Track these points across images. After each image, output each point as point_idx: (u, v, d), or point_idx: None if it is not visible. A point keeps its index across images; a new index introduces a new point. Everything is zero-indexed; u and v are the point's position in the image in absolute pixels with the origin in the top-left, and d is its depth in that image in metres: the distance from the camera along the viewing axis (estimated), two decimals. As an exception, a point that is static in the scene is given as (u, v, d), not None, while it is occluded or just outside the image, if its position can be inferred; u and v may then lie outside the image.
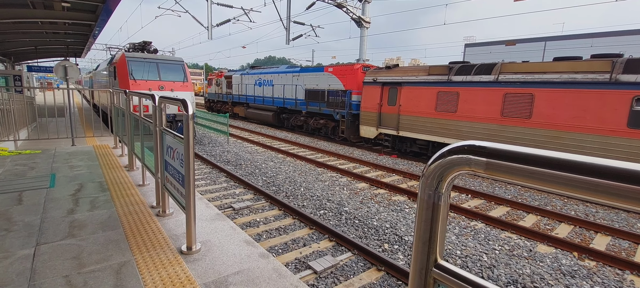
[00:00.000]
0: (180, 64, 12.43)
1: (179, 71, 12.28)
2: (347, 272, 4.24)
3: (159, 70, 11.78)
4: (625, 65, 7.28)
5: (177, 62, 12.42)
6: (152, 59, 11.88)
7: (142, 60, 11.54)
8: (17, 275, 2.37)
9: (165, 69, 11.95)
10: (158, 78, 11.65)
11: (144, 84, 11.11)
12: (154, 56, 12.12)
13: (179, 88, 11.95)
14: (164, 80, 11.72)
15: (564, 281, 4.23)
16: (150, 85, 11.26)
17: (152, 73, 11.60)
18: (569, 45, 29.73)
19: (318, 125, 15.87)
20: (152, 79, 11.49)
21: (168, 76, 11.90)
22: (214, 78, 25.78)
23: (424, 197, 0.77)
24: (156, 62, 11.86)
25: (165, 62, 12.12)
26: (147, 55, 11.97)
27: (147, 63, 11.61)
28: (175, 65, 12.30)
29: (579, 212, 6.87)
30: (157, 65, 11.84)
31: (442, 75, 10.52)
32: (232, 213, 6.01)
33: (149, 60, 11.72)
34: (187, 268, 2.54)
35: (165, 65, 12.03)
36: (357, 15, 17.70)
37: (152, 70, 11.62)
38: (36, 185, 4.36)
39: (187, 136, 2.51)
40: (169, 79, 11.88)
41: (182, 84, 12.11)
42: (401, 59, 78.77)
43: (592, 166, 0.52)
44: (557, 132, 8.10)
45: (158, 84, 11.50)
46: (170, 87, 11.73)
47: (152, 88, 11.17)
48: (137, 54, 11.79)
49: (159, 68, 11.81)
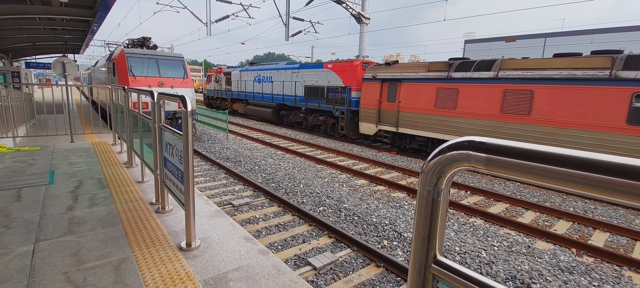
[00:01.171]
0: (180, 60, 12.23)
1: (179, 67, 12.07)
2: (346, 268, 4.25)
3: (158, 67, 11.56)
4: (625, 62, 7.26)
5: (177, 58, 12.21)
6: (152, 55, 11.65)
7: (141, 56, 11.31)
8: (17, 271, 2.37)
9: (165, 65, 11.72)
10: (158, 74, 11.44)
11: (143, 81, 10.88)
12: (154, 52, 11.89)
13: (179, 84, 11.74)
14: (164, 77, 11.51)
15: (563, 277, 4.25)
16: (150, 81, 11.03)
17: (152, 69, 11.38)
18: (569, 42, 29.67)
19: (317, 122, 15.85)
20: (151, 75, 11.26)
21: (168, 72, 11.69)
22: (213, 75, 25.71)
23: (423, 194, 0.76)
24: (156, 58, 11.63)
25: (165, 58, 11.89)
26: (147, 51, 11.72)
27: (147, 59, 11.38)
28: (175, 61, 12.08)
29: (577, 208, 6.89)
30: (157, 61, 11.61)
31: (442, 71, 10.50)
32: (231, 210, 6.02)
33: (148, 56, 11.48)
34: (187, 264, 2.55)
35: (165, 61, 11.80)
36: (356, 11, 17.63)
37: (151, 66, 11.40)
38: (35, 182, 4.36)
39: (186, 133, 2.50)
40: (169, 76, 11.67)
41: (183, 81, 11.92)
42: (401, 55, 78.64)
43: (591, 161, 0.52)
44: (557, 128, 8.10)
45: (158, 80, 11.28)
46: (170, 83, 11.52)
47: (151, 84, 10.94)
48: (136, 49, 11.56)
49: (158, 64, 11.59)
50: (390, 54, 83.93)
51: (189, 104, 2.51)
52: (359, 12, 17.65)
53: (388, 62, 12.88)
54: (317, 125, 16.15)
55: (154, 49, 12.41)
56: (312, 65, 16.60)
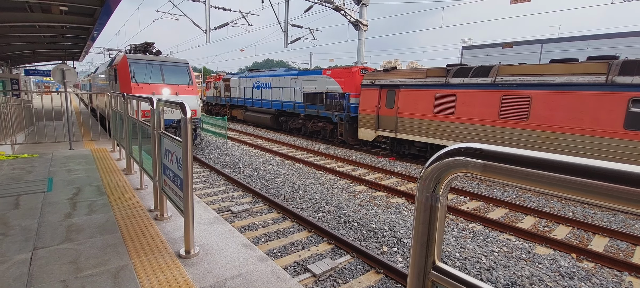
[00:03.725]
0: (185, 66, 11.76)
1: (183, 73, 11.56)
2: (346, 275, 4.23)
3: (162, 73, 11.05)
4: (621, 67, 7.33)
5: (181, 64, 11.70)
6: (155, 60, 11.14)
7: (144, 62, 10.84)
8: (14, 279, 2.35)
9: (169, 72, 11.21)
10: (162, 81, 10.93)
11: (146, 88, 10.39)
12: (157, 58, 11.38)
13: (184, 91, 11.17)
14: (168, 83, 10.99)
15: (563, 283, 4.24)
16: (154, 88, 10.54)
17: (156, 76, 10.90)
18: (566, 48, 29.92)
19: (316, 128, 15.87)
20: (155, 82, 10.76)
21: (172, 79, 11.17)
22: (212, 81, 25.80)
23: (421, 200, 0.77)
24: (159, 64, 11.12)
25: (169, 64, 11.38)
26: (150, 57, 11.25)
27: (150, 65, 10.89)
28: (180, 68, 11.59)
29: (577, 213, 6.89)
30: (161, 67, 11.11)
31: (440, 77, 10.56)
32: (230, 217, 5.99)
33: (151, 62, 10.98)
34: (185, 272, 2.53)
35: (169, 68, 11.30)
36: (354, 18, 17.76)
37: (155, 72, 10.91)
38: (33, 189, 4.34)
39: (185, 139, 2.51)
40: (173, 82, 11.13)
41: (187, 88, 11.36)
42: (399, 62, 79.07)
43: (588, 168, 0.53)
44: (554, 133, 8.14)
45: (162, 87, 10.80)
46: (174, 90, 10.97)
47: (155, 92, 10.47)
48: (139, 55, 11.06)
49: (162, 70, 11.08)
50: (388, 60, 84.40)
51: (188, 111, 2.52)
52: (357, 19, 17.79)
53: (386, 68, 12.96)
54: (316, 131, 16.16)
55: (158, 55, 11.95)
56: (310, 71, 16.68)
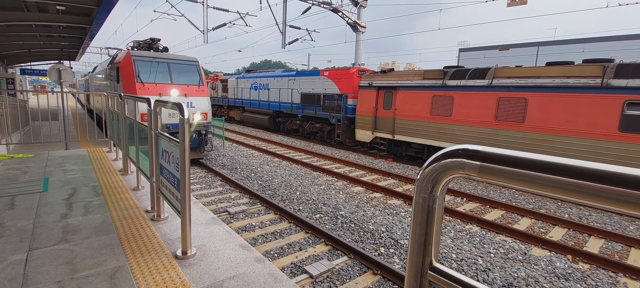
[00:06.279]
0: (195, 65, 10.63)
1: (193, 73, 10.45)
2: (343, 276, 4.23)
3: (170, 72, 9.97)
4: (616, 70, 7.40)
5: (191, 63, 10.58)
6: (162, 58, 10.03)
7: (150, 59, 9.77)
8: (9, 280, 2.33)
9: (177, 71, 10.11)
10: (170, 81, 9.85)
11: (153, 88, 9.37)
12: (165, 55, 10.26)
13: (194, 93, 10.10)
14: (177, 84, 9.93)
15: (559, 284, 4.27)
16: (161, 89, 9.49)
17: (163, 75, 9.82)
18: (562, 50, 30.18)
19: (314, 129, 15.87)
20: (162, 81, 9.69)
21: (181, 79, 10.10)
22: (210, 82, 25.75)
23: (418, 201, 0.78)
24: (167, 62, 10.04)
25: (177, 63, 10.26)
26: (156, 54, 10.14)
27: (157, 63, 9.82)
28: (190, 66, 10.50)
29: (572, 215, 6.94)
30: (168, 65, 10.02)
31: (437, 79, 10.61)
32: (227, 218, 5.98)
33: (158, 60, 9.90)
34: (182, 273, 2.53)
35: (177, 66, 10.19)
36: (352, 20, 17.80)
37: (162, 71, 9.84)
38: (29, 190, 4.31)
39: (182, 140, 2.50)
40: (182, 82, 10.05)
41: (198, 88, 10.24)
42: (396, 63, 79.26)
43: (583, 169, 0.53)
44: (550, 135, 8.20)
45: (169, 88, 9.74)
46: (184, 91, 9.89)
47: (162, 93, 9.45)
48: (144, 52, 9.97)
49: (170, 69, 10.00)
50: (386, 62, 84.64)
51: (186, 112, 2.51)
52: (354, 20, 17.83)
53: (384, 70, 12.99)
54: (313, 132, 16.17)
55: (164, 52, 10.79)
56: (308, 72, 16.69)
